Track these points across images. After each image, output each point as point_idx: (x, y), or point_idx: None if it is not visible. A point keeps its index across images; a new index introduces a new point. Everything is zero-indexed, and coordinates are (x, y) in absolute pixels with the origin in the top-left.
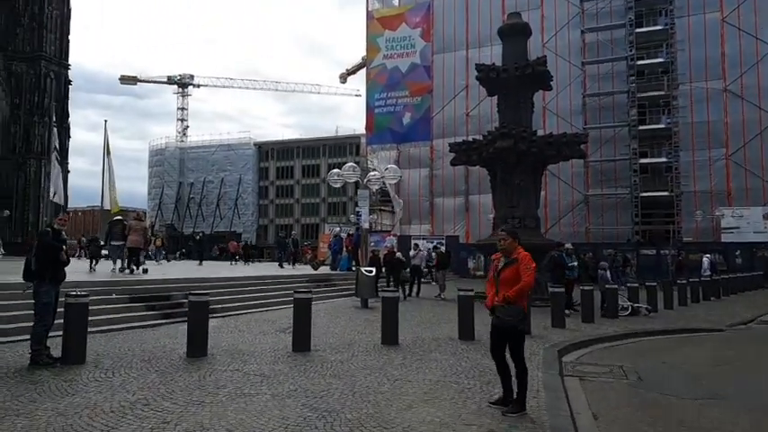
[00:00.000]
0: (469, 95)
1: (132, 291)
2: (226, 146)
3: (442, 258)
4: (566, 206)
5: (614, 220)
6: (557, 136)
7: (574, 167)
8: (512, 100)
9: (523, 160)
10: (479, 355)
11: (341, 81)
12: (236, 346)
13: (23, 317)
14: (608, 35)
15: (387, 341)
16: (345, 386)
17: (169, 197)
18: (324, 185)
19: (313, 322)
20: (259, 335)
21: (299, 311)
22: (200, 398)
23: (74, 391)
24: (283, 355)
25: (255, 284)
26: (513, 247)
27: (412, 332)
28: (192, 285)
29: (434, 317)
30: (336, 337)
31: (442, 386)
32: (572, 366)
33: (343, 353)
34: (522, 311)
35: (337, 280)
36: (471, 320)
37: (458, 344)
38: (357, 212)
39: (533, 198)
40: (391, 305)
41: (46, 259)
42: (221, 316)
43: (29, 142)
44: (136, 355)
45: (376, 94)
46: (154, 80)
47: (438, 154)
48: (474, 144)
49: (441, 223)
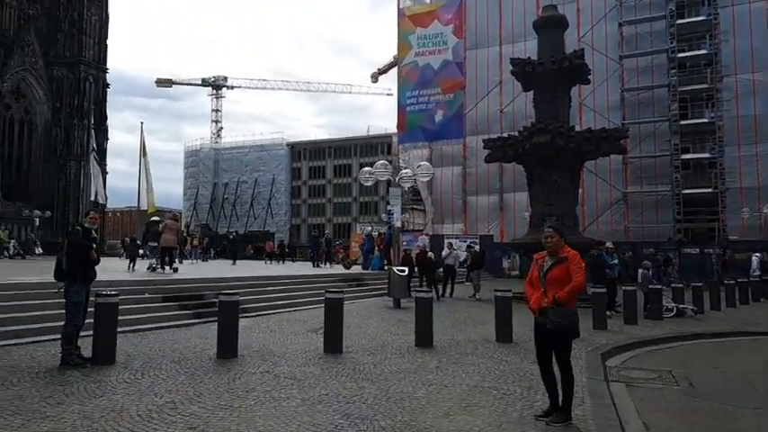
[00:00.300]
0: (503, 92)
1: (165, 290)
2: (259, 146)
3: (476, 258)
4: (603, 204)
5: (654, 218)
6: (595, 131)
7: (612, 164)
8: (548, 95)
9: (561, 156)
10: (518, 358)
11: (372, 80)
12: (266, 347)
13: (54, 316)
14: (647, 27)
15: (421, 343)
16: (379, 391)
17: (204, 197)
18: (355, 185)
19: (345, 323)
20: (290, 335)
21: (331, 312)
22: (229, 402)
23: (101, 393)
24: (314, 356)
25: (287, 284)
26: (560, 246)
27: (446, 334)
28: (223, 285)
29: (469, 318)
30: (369, 338)
31: (481, 392)
32: (617, 371)
33: (375, 355)
34: (576, 313)
35: (369, 279)
36: (509, 322)
37: (495, 346)
38: (389, 211)
39: (571, 195)
40: (425, 306)
41: (77, 258)
42: (253, 315)
43: (69, 145)
44: (166, 355)
45: (408, 92)
46: (189, 82)
47: (471, 151)
48: (509, 140)
49: (474, 222)
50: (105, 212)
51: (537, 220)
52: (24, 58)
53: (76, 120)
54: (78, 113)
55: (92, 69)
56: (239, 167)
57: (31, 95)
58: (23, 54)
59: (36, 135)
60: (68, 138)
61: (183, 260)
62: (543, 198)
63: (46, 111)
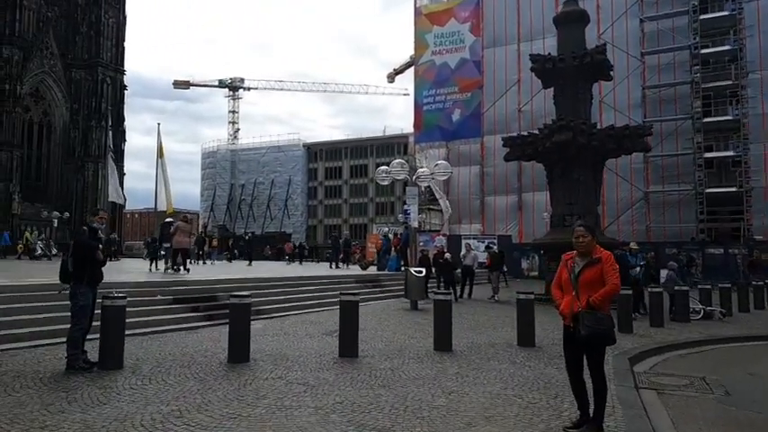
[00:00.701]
0: (521, 90)
1: (176, 292)
2: (275, 147)
3: (495, 259)
4: (624, 203)
5: (677, 218)
6: (618, 128)
7: (633, 163)
8: (569, 91)
9: (582, 154)
10: (542, 363)
11: (389, 81)
12: (280, 351)
13: (61, 319)
14: (669, 23)
15: (440, 347)
16: (396, 399)
17: (221, 198)
18: (372, 185)
19: (361, 325)
20: (305, 338)
21: (346, 314)
22: (238, 410)
23: (106, 400)
24: (329, 361)
25: (303, 285)
26: (592, 246)
27: (466, 337)
28: (237, 286)
29: (489, 320)
30: (385, 341)
31: (504, 401)
32: (647, 377)
33: (392, 360)
34: (611, 318)
35: (385, 281)
36: (531, 325)
37: (517, 351)
38: (405, 210)
39: (593, 194)
40: (444, 309)
41: (83, 259)
42: (267, 317)
43: (87, 146)
44: (176, 359)
45: (424, 91)
46: (206, 84)
47: (489, 151)
48: (529, 138)
49: (492, 222)
50: (123, 214)
51: (557, 220)
52: (43, 60)
53: (94, 121)
54: (96, 115)
55: (109, 71)
56: (256, 168)
57: (50, 97)
58: (42, 57)
59: (54, 137)
60: (86, 139)
61: (204, 261)
62: (564, 197)
63: (64, 112)
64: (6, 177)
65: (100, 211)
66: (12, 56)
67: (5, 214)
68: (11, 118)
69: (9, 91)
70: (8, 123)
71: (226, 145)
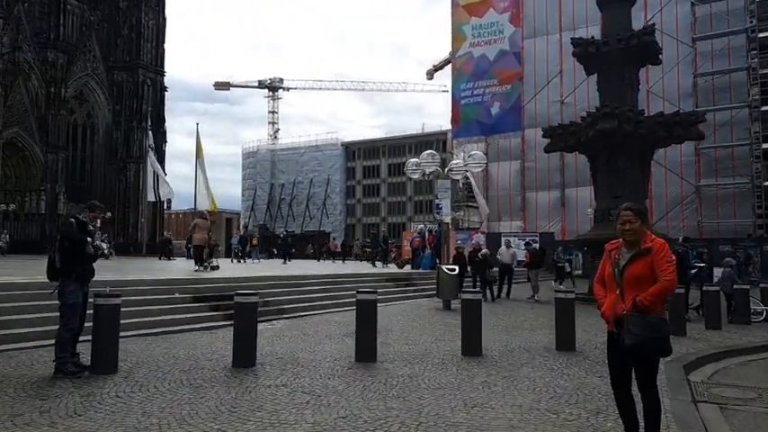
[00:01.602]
0: (563, 82)
1: (197, 290)
2: (314, 147)
3: (535, 257)
4: (674, 198)
5: (731, 213)
6: (668, 115)
7: (683, 155)
8: (614, 77)
9: (629, 144)
10: (582, 371)
11: (428, 78)
12: (293, 354)
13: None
14: (723, 6)
15: (468, 351)
16: (409, 414)
17: (261, 198)
18: (410, 183)
19: (387, 326)
20: (324, 339)
21: (363, 315)
22: (225, 426)
23: (83, 411)
24: (343, 366)
25: (330, 283)
26: (642, 233)
27: (499, 340)
28: (262, 284)
29: (526, 321)
30: (410, 344)
31: (536, 417)
32: (705, 389)
33: (414, 365)
34: (665, 322)
35: (418, 279)
36: (571, 327)
37: (555, 356)
38: (437, 206)
39: (640, 187)
40: (472, 309)
41: (71, 254)
42: (290, 317)
43: (128, 147)
44: (178, 363)
45: (462, 84)
46: (246, 85)
47: (530, 145)
48: (572, 127)
49: (534, 219)
50: (169, 215)
51: (602, 215)
52: (86, 63)
53: (135, 122)
54: (137, 116)
55: (150, 73)
56: (295, 168)
57: (93, 100)
58: (85, 60)
59: (97, 138)
60: (128, 140)
61: (245, 260)
62: (609, 190)
63: (107, 114)
64: (53, 179)
65: (97, 208)
66: (57, 60)
67: (52, 214)
68: (56, 120)
69: (54, 94)
70: (54, 126)
71: (266, 145)
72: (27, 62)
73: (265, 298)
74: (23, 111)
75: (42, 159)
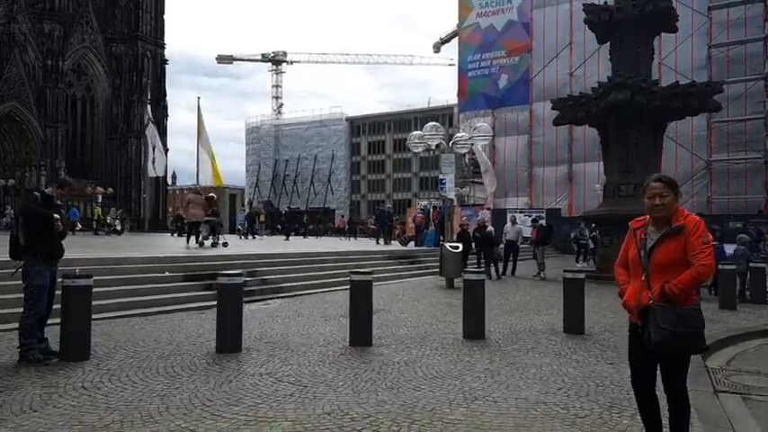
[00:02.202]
0: (573, 54)
1: (188, 268)
2: (318, 122)
3: (543, 233)
4: (684, 174)
5: (743, 189)
6: (683, 86)
7: (694, 130)
8: (627, 46)
9: (642, 116)
10: (592, 357)
11: (434, 51)
12: (285, 336)
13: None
14: None
15: (470, 335)
16: (402, 408)
17: (265, 174)
18: (416, 159)
19: (386, 306)
20: (319, 320)
21: (357, 297)
22: (194, 424)
23: (40, 406)
24: (336, 351)
25: (330, 261)
26: (673, 209)
27: (503, 321)
28: (257, 262)
29: (532, 301)
30: (409, 326)
31: (543, 413)
32: (725, 376)
33: (411, 350)
34: (699, 313)
35: (422, 257)
36: (580, 308)
37: (563, 339)
38: (441, 180)
39: (652, 161)
40: (475, 289)
41: (35, 230)
42: (287, 296)
43: (129, 122)
44: (159, 347)
45: (469, 56)
46: (249, 58)
47: (538, 119)
48: (582, 99)
49: (540, 195)
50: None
51: (612, 191)
52: (84, 35)
53: (135, 96)
54: (137, 90)
55: (149, 45)
56: (299, 143)
57: (92, 73)
58: (83, 31)
59: (98, 113)
60: (128, 115)
61: (253, 236)
62: (620, 165)
63: (106, 88)
64: (52, 154)
65: (66, 185)
66: (53, 31)
67: None
68: (54, 94)
69: (51, 66)
70: (52, 99)
71: (269, 120)
72: (22, 33)
73: (262, 276)
74: (20, 84)
75: (41, 134)
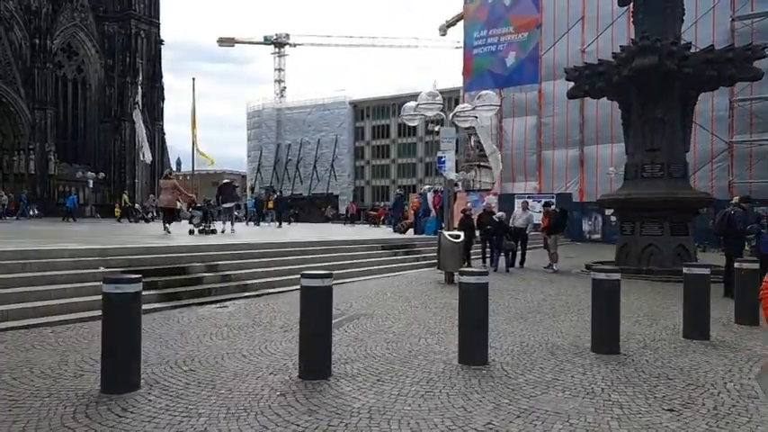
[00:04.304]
0: (585, 29)
1: (130, 262)
2: (321, 105)
3: (555, 219)
4: (703, 156)
5: (766, 173)
6: (719, 51)
7: (715, 109)
8: (654, 4)
9: (670, 85)
10: (640, 396)
11: (440, 34)
12: (217, 361)
13: None
14: None
15: (466, 358)
16: None
17: (267, 159)
18: (421, 144)
19: (370, 310)
20: (277, 332)
21: (310, 310)
22: None
23: None
24: (278, 386)
25: (313, 252)
26: None
27: (513, 333)
28: (222, 254)
29: (546, 301)
30: (391, 341)
31: None
32: None
33: (384, 385)
34: None
35: (420, 246)
36: (615, 320)
37: (592, 363)
38: (440, 159)
39: (681, 139)
40: (474, 297)
41: None
42: (252, 296)
43: (122, 104)
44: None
45: (475, 32)
46: (251, 41)
47: (547, 99)
48: (601, 67)
49: (550, 180)
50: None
51: (634, 171)
52: (73, 13)
53: (129, 78)
54: (131, 71)
55: (143, 24)
56: (302, 128)
57: (83, 53)
58: (72, 9)
59: (90, 95)
60: (122, 97)
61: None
62: (644, 142)
63: (99, 69)
64: (42, 137)
65: None
66: (40, 8)
67: (43, 174)
68: (43, 74)
69: (40, 46)
70: (40, 80)
71: (271, 103)
72: (8, 11)
73: (223, 271)
74: (6, 63)
75: (29, 116)
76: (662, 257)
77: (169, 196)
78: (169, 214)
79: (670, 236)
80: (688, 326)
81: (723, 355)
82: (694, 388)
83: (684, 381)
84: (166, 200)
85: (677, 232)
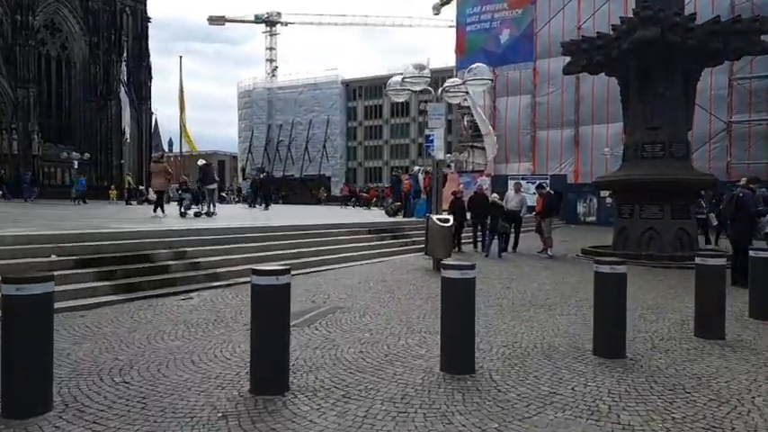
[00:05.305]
0: (581, 5)
1: (84, 249)
2: (313, 85)
3: (549, 202)
4: (700, 136)
5: (764, 153)
6: (725, 22)
7: (713, 88)
8: None
9: (673, 58)
10: (656, 417)
11: (434, 13)
12: (155, 373)
13: None
14: None
15: (450, 366)
16: None
17: (258, 140)
18: (414, 125)
19: (348, 303)
20: (241, 330)
21: (263, 313)
22: None
23: None
24: (224, 403)
25: (293, 237)
26: None
27: (504, 331)
28: (192, 239)
29: (540, 291)
30: (366, 342)
31: None
32: None
33: (350, 404)
34: None
35: (409, 230)
36: (621, 320)
37: (596, 371)
38: (428, 137)
39: (683, 115)
40: (459, 296)
41: None
42: (222, 285)
43: (108, 83)
44: None
45: (468, 9)
46: (242, 19)
47: (542, 77)
48: (599, 40)
49: (544, 160)
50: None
51: (633, 151)
52: None
53: (115, 56)
54: (116, 49)
55: (128, 0)
56: (293, 108)
57: (67, 30)
58: None
59: (75, 73)
60: (107, 76)
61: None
62: (644, 120)
63: (83, 46)
64: (24, 116)
65: None
66: None
67: (26, 155)
68: (24, 52)
69: (21, 22)
70: (22, 58)
71: (262, 83)
72: None
73: (192, 258)
74: None
75: (11, 95)
76: (662, 242)
77: (161, 180)
78: (160, 197)
79: (671, 219)
80: (700, 323)
81: (743, 359)
82: (718, 405)
83: (705, 395)
84: (159, 183)
85: (678, 215)
